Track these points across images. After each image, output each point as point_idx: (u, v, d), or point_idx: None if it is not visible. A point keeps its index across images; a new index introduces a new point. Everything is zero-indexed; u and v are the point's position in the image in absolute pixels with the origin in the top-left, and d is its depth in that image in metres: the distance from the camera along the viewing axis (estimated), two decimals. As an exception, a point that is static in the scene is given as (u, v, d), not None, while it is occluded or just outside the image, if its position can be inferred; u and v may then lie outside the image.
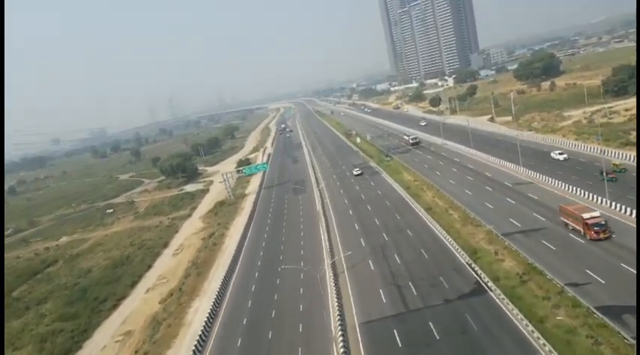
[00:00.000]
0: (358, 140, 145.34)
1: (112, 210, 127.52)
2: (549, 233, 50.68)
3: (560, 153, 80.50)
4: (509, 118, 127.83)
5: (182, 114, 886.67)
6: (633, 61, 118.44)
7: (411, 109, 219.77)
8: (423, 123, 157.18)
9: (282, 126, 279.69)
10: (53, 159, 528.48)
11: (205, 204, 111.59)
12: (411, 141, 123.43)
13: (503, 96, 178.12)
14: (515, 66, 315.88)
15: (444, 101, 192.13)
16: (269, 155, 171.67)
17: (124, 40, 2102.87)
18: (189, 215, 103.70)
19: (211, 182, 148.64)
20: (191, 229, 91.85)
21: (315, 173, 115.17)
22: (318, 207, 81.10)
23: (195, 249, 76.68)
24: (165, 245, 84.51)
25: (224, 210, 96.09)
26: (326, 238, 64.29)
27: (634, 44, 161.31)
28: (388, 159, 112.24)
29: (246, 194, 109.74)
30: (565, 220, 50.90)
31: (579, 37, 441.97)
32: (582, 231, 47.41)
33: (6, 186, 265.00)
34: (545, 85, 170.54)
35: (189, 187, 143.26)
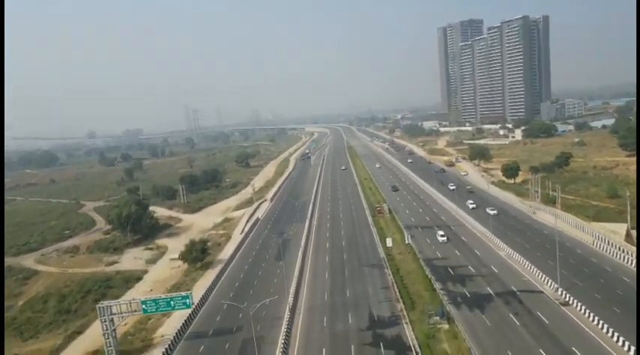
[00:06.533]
0: (390, 242, 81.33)
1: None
2: None
3: None
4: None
5: (222, 124, 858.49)
6: None
7: (472, 172, 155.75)
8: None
9: (307, 152, 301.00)
10: (73, 156, 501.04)
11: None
12: None
13: (604, 171, 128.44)
14: (597, 123, 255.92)
15: (531, 180, 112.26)
16: (255, 221, 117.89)
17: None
18: (51, 357, 54.78)
19: (166, 249, 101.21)
20: None
21: (290, 321, 55.38)
22: None
23: None
24: None
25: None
26: None
27: None
28: (445, 325, 50.01)
29: (153, 342, 54.77)
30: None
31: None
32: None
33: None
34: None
35: (129, 258, 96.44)
